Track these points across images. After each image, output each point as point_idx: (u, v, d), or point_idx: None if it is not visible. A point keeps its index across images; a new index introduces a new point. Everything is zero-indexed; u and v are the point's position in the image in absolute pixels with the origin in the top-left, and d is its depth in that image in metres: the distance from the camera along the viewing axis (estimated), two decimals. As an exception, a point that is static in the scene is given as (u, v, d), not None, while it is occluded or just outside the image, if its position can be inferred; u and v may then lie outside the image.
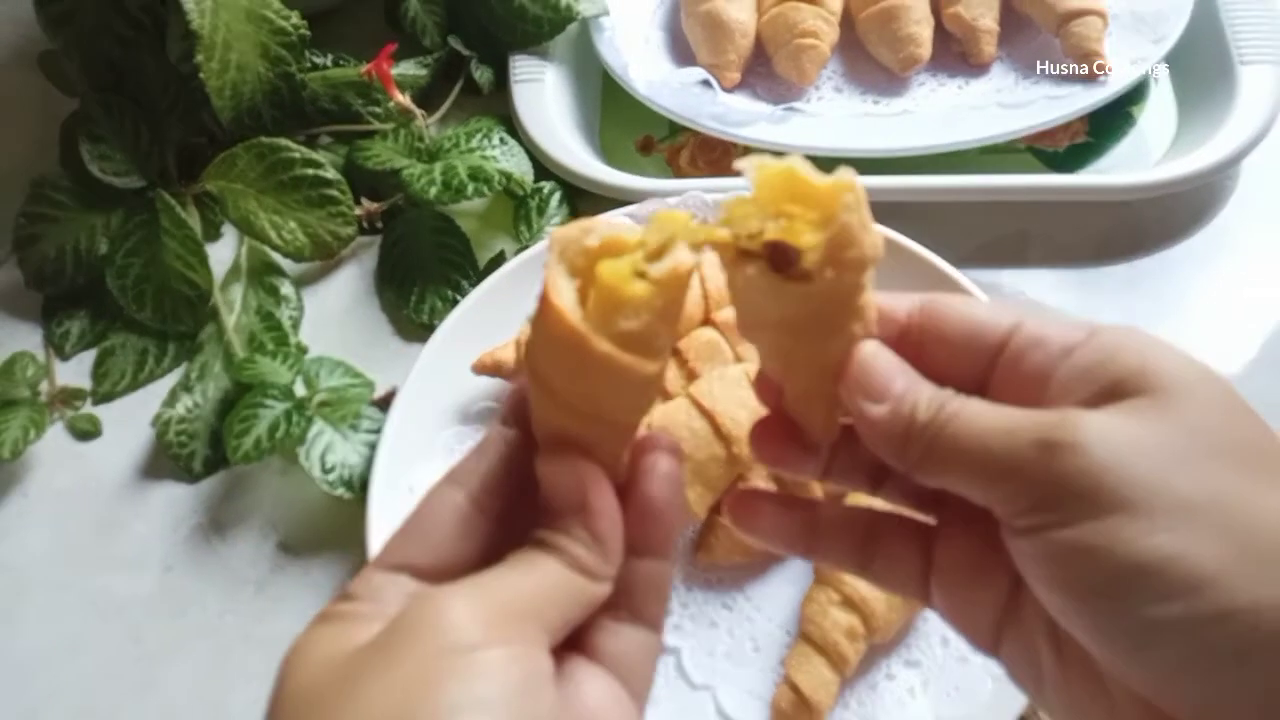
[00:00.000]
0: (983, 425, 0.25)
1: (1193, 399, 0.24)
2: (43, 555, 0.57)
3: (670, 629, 0.51)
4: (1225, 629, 0.22)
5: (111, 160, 0.63)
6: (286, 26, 0.63)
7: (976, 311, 0.28)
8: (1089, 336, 0.26)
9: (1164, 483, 0.23)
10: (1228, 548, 0.22)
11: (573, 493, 0.26)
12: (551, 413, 0.26)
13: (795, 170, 0.25)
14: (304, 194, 0.61)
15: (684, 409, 0.50)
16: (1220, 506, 0.23)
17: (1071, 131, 0.67)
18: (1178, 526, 0.23)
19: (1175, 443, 0.24)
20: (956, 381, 0.27)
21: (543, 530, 0.26)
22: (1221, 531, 0.23)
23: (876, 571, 0.30)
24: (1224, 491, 0.23)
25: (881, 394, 0.27)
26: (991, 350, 0.27)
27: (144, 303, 0.61)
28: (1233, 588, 0.22)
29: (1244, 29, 0.66)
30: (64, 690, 0.53)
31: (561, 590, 0.25)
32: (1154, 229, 0.63)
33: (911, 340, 0.28)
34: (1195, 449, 0.24)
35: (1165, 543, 0.22)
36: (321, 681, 0.23)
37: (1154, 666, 0.23)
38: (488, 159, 0.63)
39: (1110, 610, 0.23)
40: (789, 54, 0.66)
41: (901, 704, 0.48)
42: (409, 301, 0.62)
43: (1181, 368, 0.25)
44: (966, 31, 0.67)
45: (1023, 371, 0.26)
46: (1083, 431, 0.24)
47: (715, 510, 0.51)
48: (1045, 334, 0.26)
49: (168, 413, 0.58)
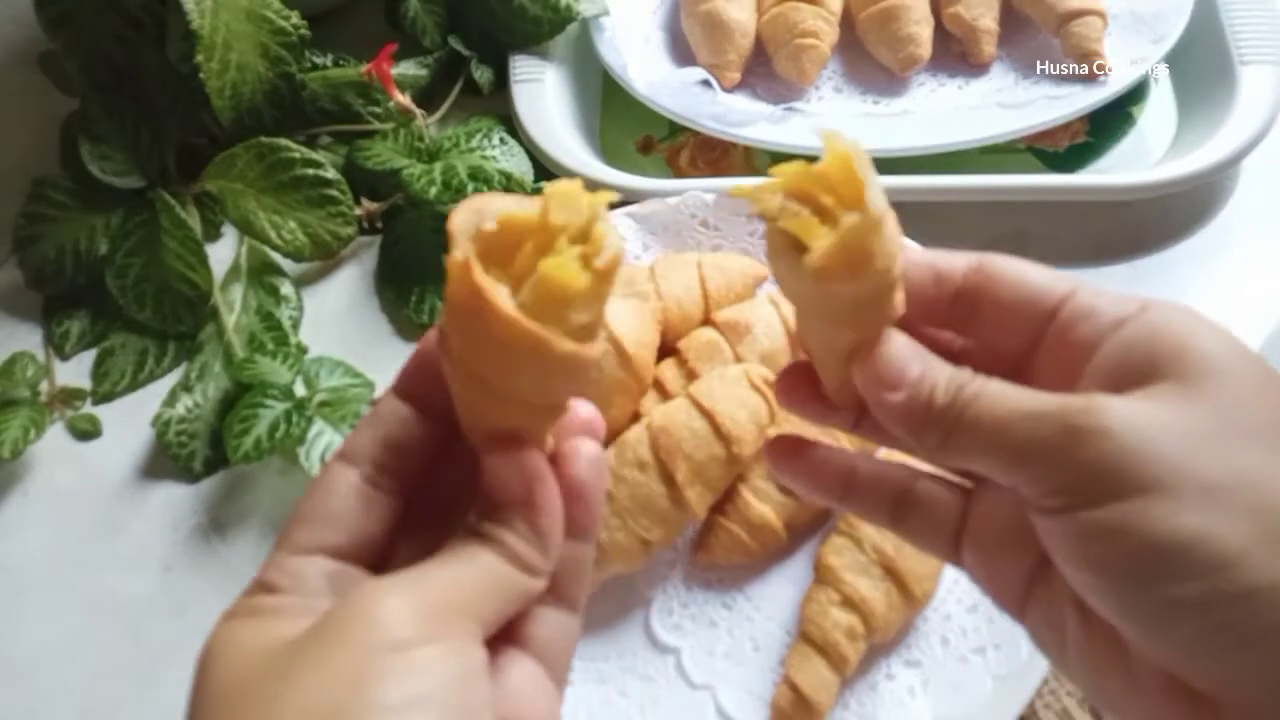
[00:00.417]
0: (1006, 409, 0.25)
1: (1228, 381, 0.24)
2: (43, 555, 0.57)
3: (670, 629, 0.51)
4: (1247, 608, 0.22)
5: (111, 160, 0.63)
6: (286, 26, 0.63)
7: (1031, 276, 0.28)
8: (1139, 311, 0.26)
9: (1190, 465, 0.23)
10: (1253, 528, 0.23)
11: (518, 486, 0.26)
12: (484, 403, 0.25)
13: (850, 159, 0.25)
14: (304, 194, 0.61)
15: (684, 409, 0.50)
16: (1248, 487, 0.23)
17: (1071, 132, 0.67)
18: (1203, 507, 0.23)
19: (1204, 426, 0.24)
20: (1007, 345, 0.27)
21: (484, 522, 0.26)
22: (1248, 512, 0.23)
23: (909, 527, 0.30)
24: (1252, 473, 0.23)
25: (897, 383, 0.27)
26: (1044, 316, 0.27)
27: (144, 303, 0.61)
28: (1257, 567, 0.22)
29: (1244, 29, 0.66)
30: (64, 690, 0.53)
31: (499, 585, 0.25)
32: (1154, 229, 0.63)
33: (966, 300, 0.28)
34: (1224, 432, 0.24)
35: (1190, 523, 0.23)
36: (249, 676, 0.23)
37: (1176, 642, 0.23)
38: (488, 159, 0.63)
39: (1135, 588, 0.24)
40: (789, 54, 0.66)
41: (901, 704, 0.48)
42: (409, 301, 0.62)
43: (1220, 349, 0.25)
44: (966, 31, 0.67)
45: (1071, 341, 0.26)
46: (1109, 417, 0.24)
47: (715, 510, 0.51)
48: (1096, 305, 0.26)
49: (168, 413, 0.58)
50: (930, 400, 0.26)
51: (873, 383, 0.27)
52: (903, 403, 0.26)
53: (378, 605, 0.23)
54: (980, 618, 0.49)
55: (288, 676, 0.22)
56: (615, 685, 0.50)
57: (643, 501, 0.49)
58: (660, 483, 0.49)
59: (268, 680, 0.23)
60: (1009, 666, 0.48)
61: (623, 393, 0.52)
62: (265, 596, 0.25)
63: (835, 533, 0.50)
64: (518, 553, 0.26)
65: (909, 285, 0.28)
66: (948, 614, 0.50)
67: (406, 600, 0.23)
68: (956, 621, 0.50)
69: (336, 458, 0.27)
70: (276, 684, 0.22)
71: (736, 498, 0.51)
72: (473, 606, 0.25)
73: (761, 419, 0.50)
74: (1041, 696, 0.50)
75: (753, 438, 0.50)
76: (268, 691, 0.22)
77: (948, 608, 0.50)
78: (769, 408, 0.51)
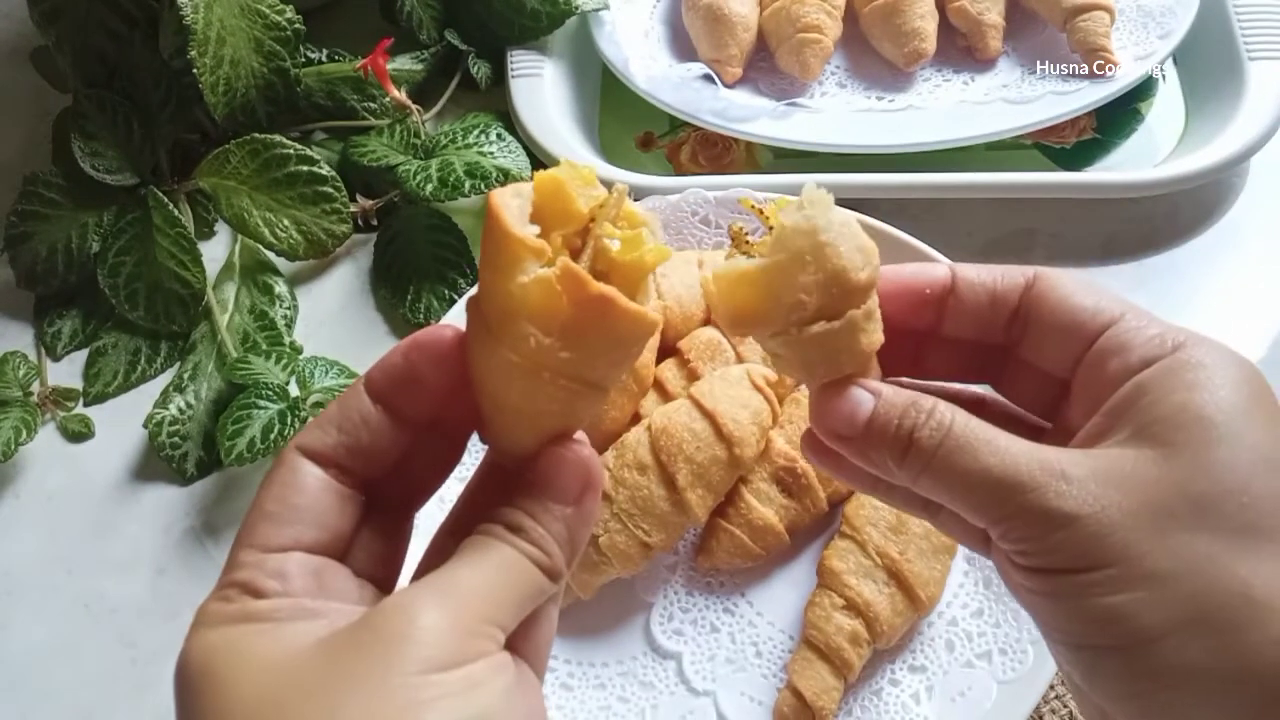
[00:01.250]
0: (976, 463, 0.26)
1: (1215, 455, 0.25)
2: (34, 558, 0.56)
3: (671, 633, 0.50)
4: (1153, 684, 0.25)
5: (104, 157, 0.62)
6: (281, 21, 0.63)
7: (1076, 300, 0.28)
8: (1169, 353, 0.26)
9: (1142, 549, 0.25)
10: (1184, 613, 0.24)
11: (575, 486, 0.26)
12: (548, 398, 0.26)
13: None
14: (298, 191, 0.60)
15: (685, 409, 0.49)
16: (1193, 574, 0.24)
17: (1079, 128, 0.67)
18: (1142, 588, 0.24)
19: (1172, 503, 0.25)
20: (1051, 365, 0.28)
21: (525, 518, 0.26)
22: (1186, 598, 0.24)
23: (943, 520, 0.31)
24: (1203, 561, 0.24)
25: (834, 432, 0.28)
26: (1085, 342, 0.28)
27: (136, 302, 0.61)
28: (1173, 649, 0.24)
29: (1252, 24, 0.65)
30: (56, 693, 0.52)
31: (529, 592, 0.25)
32: (1162, 226, 0.62)
33: (1019, 321, 0.29)
34: (1192, 510, 0.25)
35: (1122, 601, 0.25)
36: (276, 691, 0.22)
37: (1100, 694, 0.26)
38: (485, 155, 0.62)
39: (1074, 643, 0.26)
40: (792, 49, 0.65)
41: (906, 709, 0.47)
42: (405, 300, 0.61)
43: (1224, 413, 0.25)
44: (972, 26, 0.66)
45: (1100, 373, 0.27)
46: (1076, 503, 0.25)
47: (717, 513, 0.50)
48: (1129, 342, 0.27)
49: (160, 413, 0.58)
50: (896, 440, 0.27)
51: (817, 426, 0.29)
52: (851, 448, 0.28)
53: (413, 621, 0.23)
54: (986, 623, 0.49)
55: (327, 696, 0.22)
56: (615, 690, 0.49)
57: (643, 504, 0.48)
58: (661, 485, 0.48)
59: (302, 698, 0.22)
60: (1015, 672, 0.47)
61: (623, 393, 0.51)
62: (253, 600, 0.24)
63: (839, 536, 0.49)
64: (552, 559, 0.26)
65: (963, 304, 0.29)
66: (953, 619, 0.49)
67: (444, 616, 0.23)
68: (962, 626, 0.49)
69: (295, 452, 0.26)
70: (315, 704, 0.22)
71: (738, 500, 0.50)
72: (502, 615, 0.25)
73: (764, 420, 0.50)
74: (1047, 702, 0.49)
75: (755, 439, 0.49)
76: (309, 711, 0.22)
77: (953, 612, 0.49)
78: (771, 408, 0.50)
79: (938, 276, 0.29)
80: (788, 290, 0.26)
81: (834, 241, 0.26)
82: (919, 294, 0.29)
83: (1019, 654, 0.47)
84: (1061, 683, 0.49)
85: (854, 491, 0.50)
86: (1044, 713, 0.49)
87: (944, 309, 0.29)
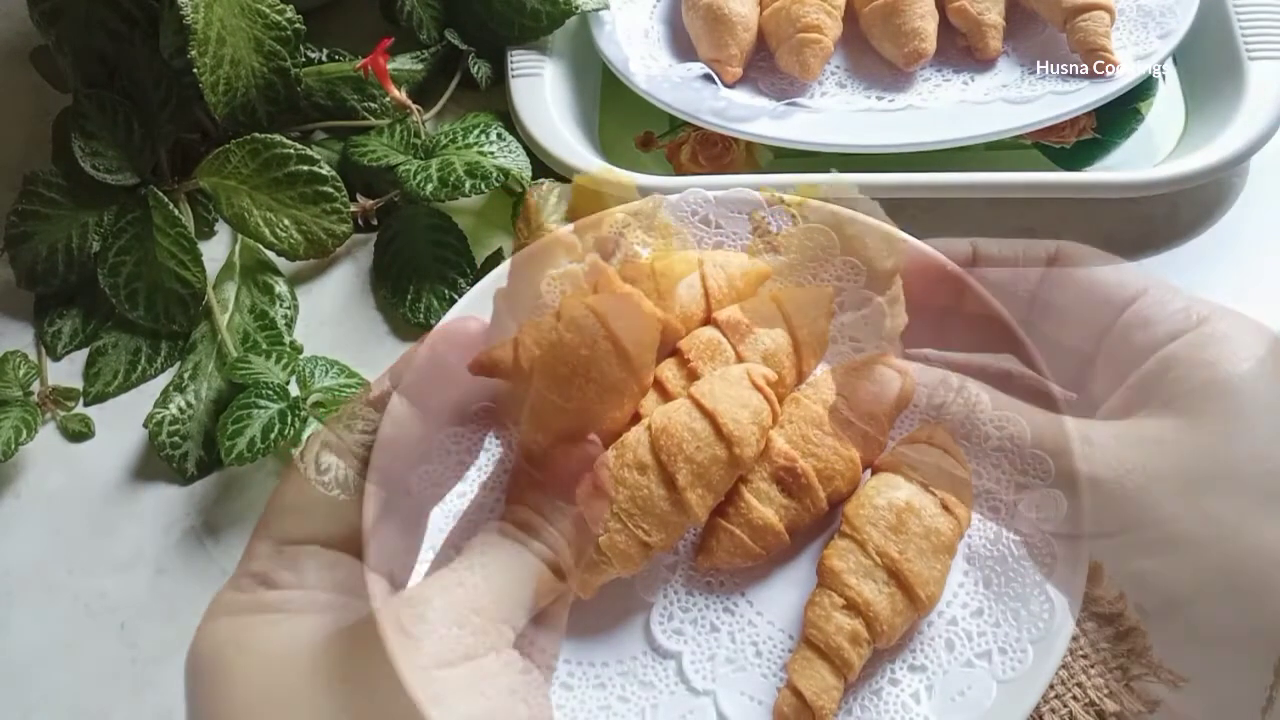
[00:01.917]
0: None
1: (1242, 424, 0.25)
2: (34, 557, 0.56)
3: (670, 633, 0.50)
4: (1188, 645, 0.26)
5: (104, 157, 0.62)
6: (281, 21, 0.63)
7: (1100, 276, 0.29)
8: (1195, 326, 0.27)
9: (1171, 515, 0.25)
10: (1215, 575, 0.25)
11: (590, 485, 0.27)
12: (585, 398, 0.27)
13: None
14: (298, 191, 0.60)
15: (684, 409, 0.49)
16: (1224, 538, 0.25)
17: (1079, 127, 0.67)
18: (1170, 554, 0.25)
19: (1200, 470, 0.25)
20: (1074, 339, 0.29)
21: (532, 514, 0.26)
22: (1216, 561, 0.25)
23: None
24: (1226, 523, 0.25)
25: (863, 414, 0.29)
26: (1110, 315, 0.29)
27: (136, 301, 0.61)
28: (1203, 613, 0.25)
29: (1252, 23, 0.65)
30: (56, 694, 0.52)
31: (536, 589, 0.26)
32: (1162, 226, 0.62)
33: (1039, 303, 0.29)
34: (1219, 479, 0.25)
35: (1150, 568, 0.26)
36: (287, 683, 0.22)
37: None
38: (485, 155, 0.62)
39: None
40: (792, 48, 0.65)
41: (905, 709, 0.47)
42: (405, 300, 0.61)
43: (1248, 387, 0.26)
44: (972, 25, 0.66)
45: (1126, 347, 0.28)
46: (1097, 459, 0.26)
47: (716, 513, 0.50)
48: (1154, 316, 0.28)
49: (160, 413, 0.58)
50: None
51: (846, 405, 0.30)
52: None
53: (424, 619, 0.23)
54: (986, 622, 0.49)
55: (337, 689, 0.22)
56: (615, 690, 0.49)
57: (642, 504, 0.48)
58: (661, 485, 0.48)
59: (311, 690, 0.22)
60: (1015, 672, 0.47)
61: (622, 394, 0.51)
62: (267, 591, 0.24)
63: (839, 536, 0.49)
64: (558, 556, 0.26)
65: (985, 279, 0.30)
66: (953, 618, 0.49)
67: (453, 612, 0.23)
68: (961, 626, 0.49)
69: (322, 449, 0.27)
70: (324, 696, 0.22)
71: (738, 500, 0.50)
72: (512, 612, 0.25)
73: (764, 420, 0.50)
74: (1048, 702, 0.49)
75: (755, 439, 0.49)
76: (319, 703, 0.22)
77: (953, 612, 0.49)
78: (771, 408, 0.50)
79: (960, 252, 0.30)
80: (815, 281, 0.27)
81: (860, 234, 0.26)
82: (941, 271, 0.30)
83: (1019, 654, 0.47)
84: (1062, 682, 0.49)
85: (854, 491, 0.50)
86: (1044, 713, 0.49)
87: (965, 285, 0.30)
